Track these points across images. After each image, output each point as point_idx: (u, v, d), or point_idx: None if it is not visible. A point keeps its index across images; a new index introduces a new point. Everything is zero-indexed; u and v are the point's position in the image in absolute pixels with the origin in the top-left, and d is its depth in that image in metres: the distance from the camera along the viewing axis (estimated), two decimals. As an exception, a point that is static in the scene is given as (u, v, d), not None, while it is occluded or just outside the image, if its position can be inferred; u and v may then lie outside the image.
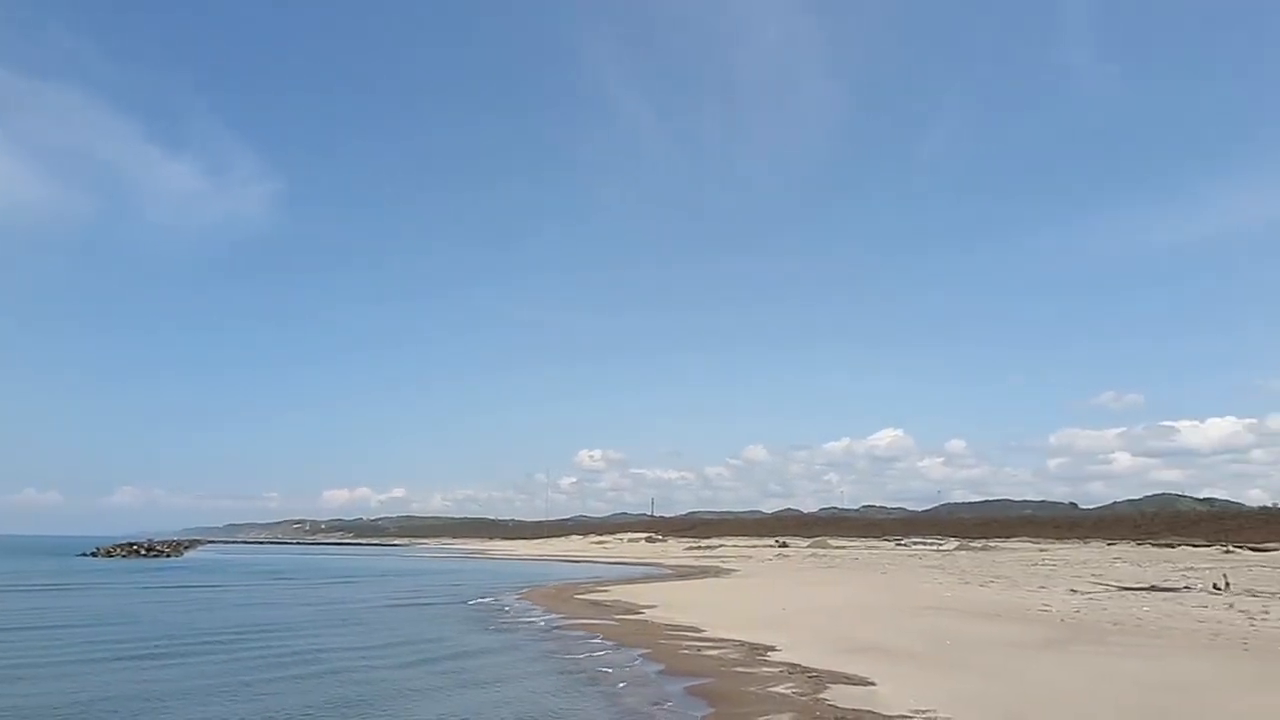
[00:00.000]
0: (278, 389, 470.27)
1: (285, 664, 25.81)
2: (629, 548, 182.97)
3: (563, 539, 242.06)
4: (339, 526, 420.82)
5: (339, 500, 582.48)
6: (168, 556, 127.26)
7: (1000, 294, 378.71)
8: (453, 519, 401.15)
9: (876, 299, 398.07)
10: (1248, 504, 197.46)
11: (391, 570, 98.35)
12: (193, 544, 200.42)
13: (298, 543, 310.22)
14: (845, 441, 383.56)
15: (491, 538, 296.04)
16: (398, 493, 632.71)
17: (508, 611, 44.19)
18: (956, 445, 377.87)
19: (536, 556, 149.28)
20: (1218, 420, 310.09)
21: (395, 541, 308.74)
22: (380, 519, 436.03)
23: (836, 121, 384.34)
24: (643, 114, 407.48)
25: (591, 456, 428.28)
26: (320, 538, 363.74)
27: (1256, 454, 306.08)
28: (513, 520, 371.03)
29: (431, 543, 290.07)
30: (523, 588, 62.95)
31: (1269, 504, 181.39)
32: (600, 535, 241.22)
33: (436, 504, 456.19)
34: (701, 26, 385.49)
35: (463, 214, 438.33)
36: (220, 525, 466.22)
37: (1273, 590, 47.51)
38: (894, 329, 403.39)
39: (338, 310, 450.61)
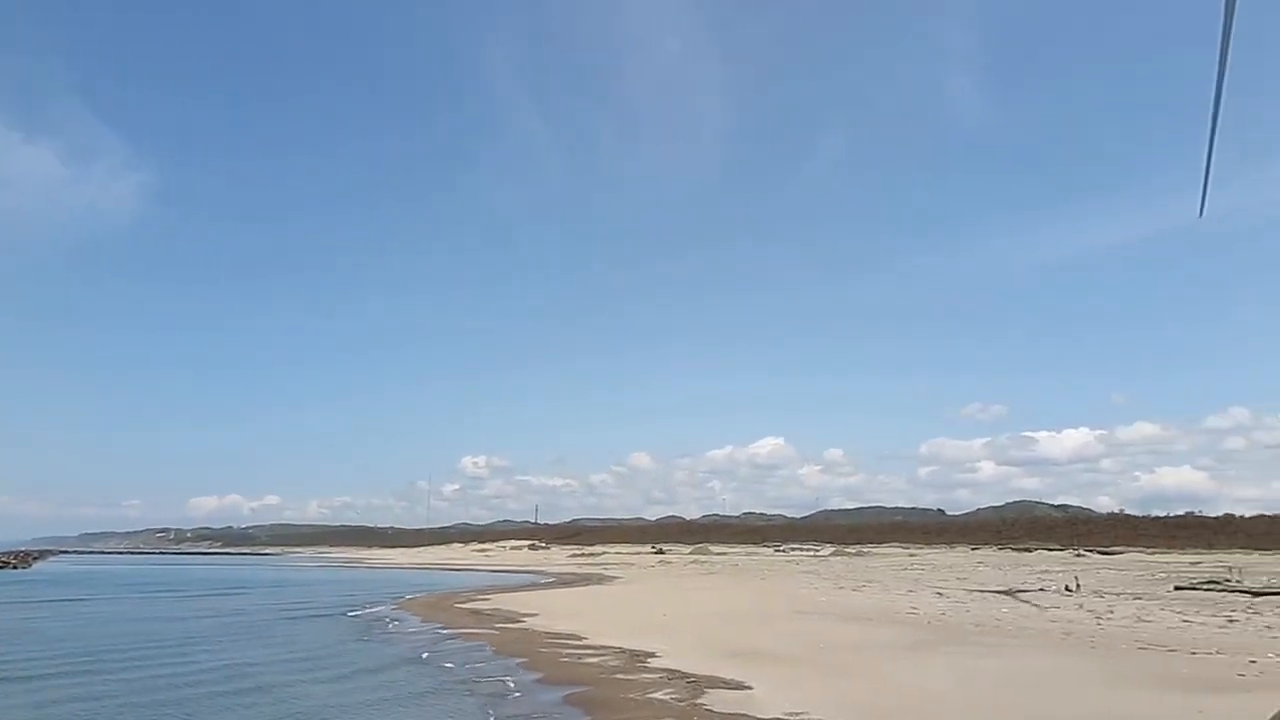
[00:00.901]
0: (139, 390, 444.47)
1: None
2: (512, 555, 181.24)
3: (444, 547, 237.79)
4: (206, 535, 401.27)
5: (207, 508, 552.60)
6: (14, 568, 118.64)
7: (878, 311, 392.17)
8: (329, 527, 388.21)
9: (762, 312, 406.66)
10: (1097, 510, 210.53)
11: (261, 581, 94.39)
12: (43, 554, 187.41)
13: (160, 553, 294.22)
14: (728, 449, 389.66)
15: (370, 546, 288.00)
16: (271, 500, 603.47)
17: (384, 621, 43.05)
18: (835, 454, 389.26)
19: (416, 565, 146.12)
20: (1072, 431, 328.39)
21: (268, 551, 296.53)
22: (251, 527, 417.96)
23: (728, 136, 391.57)
24: (533, 120, 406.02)
25: (475, 463, 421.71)
26: (186, 547, 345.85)
27: (1106, 463, 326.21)
28: (392, 528, 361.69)
29: (307, 552, 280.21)
30: (401, 597, 61.48)
31: (1116, 510, 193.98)
32: (482, 543, 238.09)
33: (313, 512, 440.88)
34: (597, 36, 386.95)
35: (342, 216, 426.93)
36: (75, 535, 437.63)
37: (1117, 591, 50.74)
38: (777, 341, 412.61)
39: (207, 310, 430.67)
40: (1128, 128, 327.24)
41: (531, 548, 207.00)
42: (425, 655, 29.62)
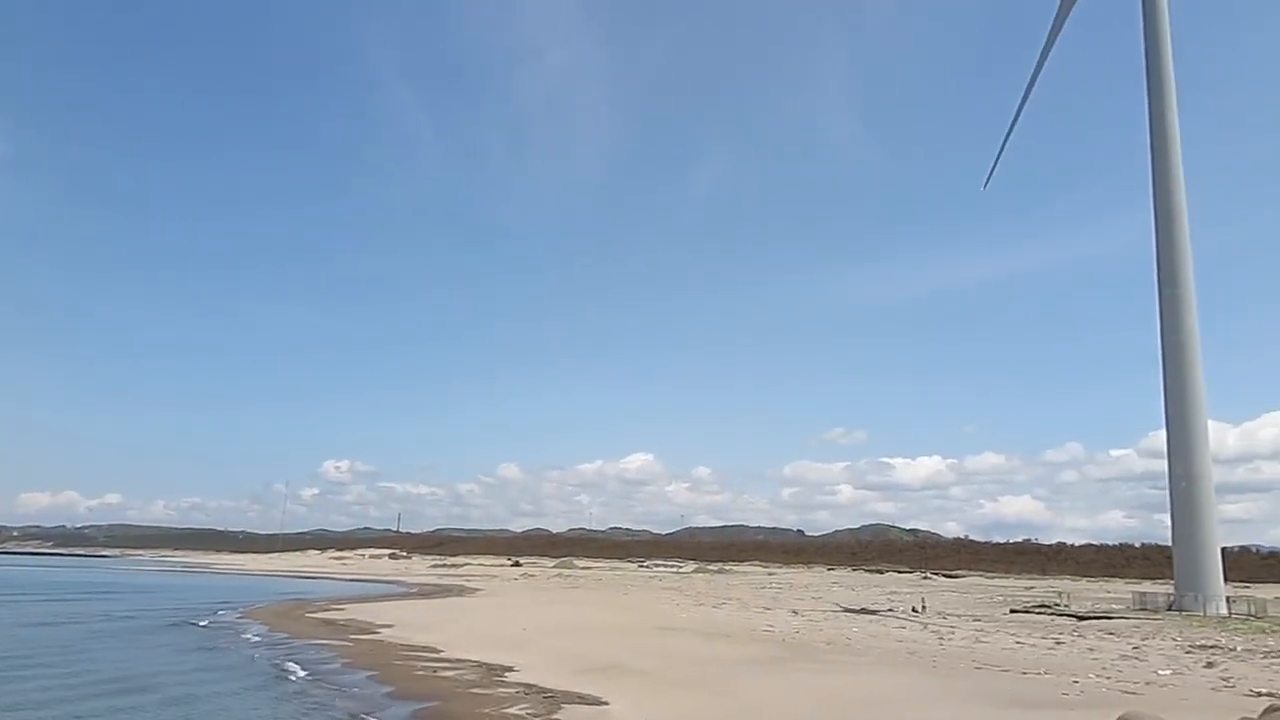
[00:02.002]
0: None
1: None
2: (370, 564, 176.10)
3: (299, 554, 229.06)
4: (36, 534, 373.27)
5: (38, 504, 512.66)
6: None
7: (749, 333, 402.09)
8: (175, 530, 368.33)
9: (638, 328, 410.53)
10: (945, 535, 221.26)
11: (90, 585, 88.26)
12: None
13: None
14: (598, 463, 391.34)
15: (219, 551, 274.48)
16: (112, 499, 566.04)
17: (228, 631, 41.02)
18: (702, 472, 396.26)
19: (268, 572, 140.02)
20: (926, 459, 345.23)
21: (105, 553, 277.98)
22: (88, 527, 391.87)
23: (614, 152, 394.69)
24: (420, 125, 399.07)
25: (338, 468, 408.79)
26: (12, 547, 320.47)
27: (955, 490, 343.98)
28: (244, 533, 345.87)
29: (148, 555, 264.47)
30: (249, 605, 58.78)
31: (962, 536, 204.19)
32: (340, 551, 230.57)
33: (158, 513, 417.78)
34: (486, 43, 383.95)
35: (210, 212, 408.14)
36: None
37: (959, 613, 53.36)
38: (651, 357, 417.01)
39: (52, 291, 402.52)
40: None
41: (392, 557, 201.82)
42: (268, 668, 28.39)
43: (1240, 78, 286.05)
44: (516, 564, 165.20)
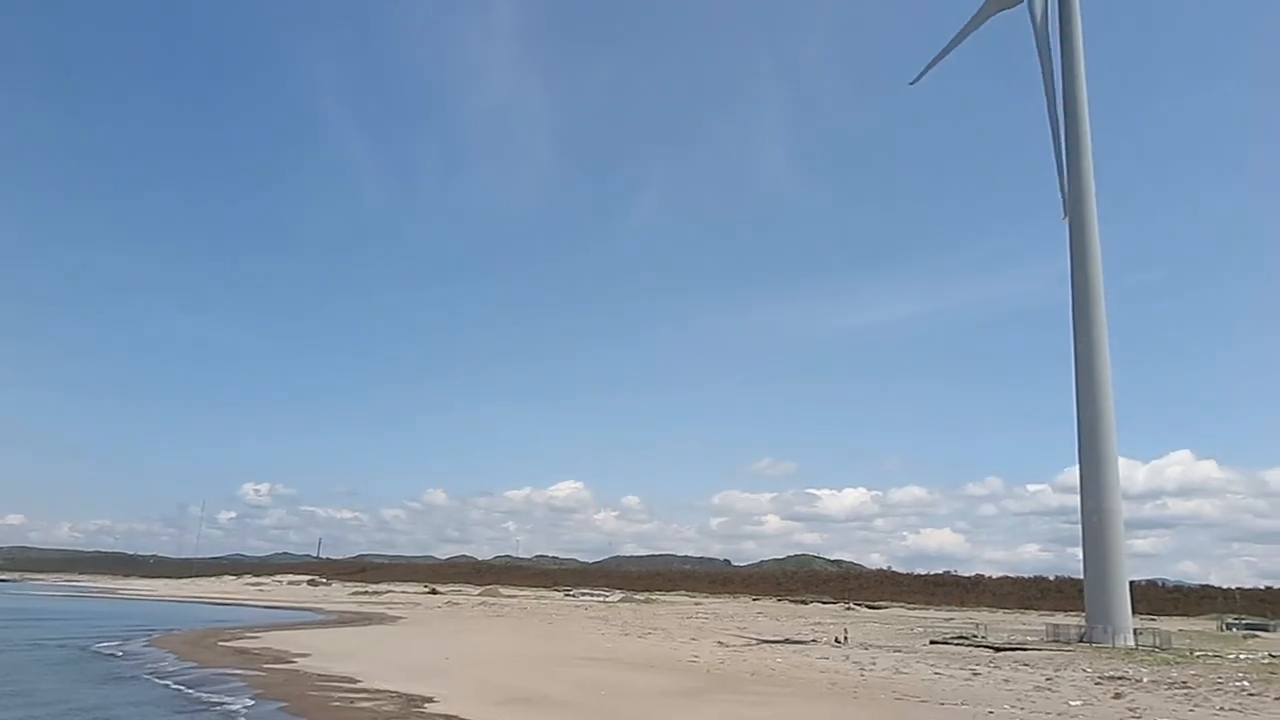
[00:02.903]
0: None
1: None
2: (288, 591, 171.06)
3: (214, 579, 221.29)
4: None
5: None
6: None
7: (682, 363, 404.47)
8: (82, 553, 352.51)
9: (568, 354, 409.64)
10: (868, 566, 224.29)
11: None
12: None
13: None
14: (527, 490, 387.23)
15: (128, 576, 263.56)
16: (13, 520, 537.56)
17: (133, 660, 39.38)
18: (631, 500, 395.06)
19: (180, 598, 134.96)
20: (851, 491, 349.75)
21: (3, 577, 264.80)
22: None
23: (550, 180, 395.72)
24: (355, 140, 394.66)
25: (257, 490, 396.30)
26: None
27: (879, 522, 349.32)
28: (155, 557, 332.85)
29: (51, 579, 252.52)
30: (157, 632, 56.56)
31: (884, 567, 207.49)
32: (257, 576, 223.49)
33: (63, 535, 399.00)
34: (428, 66, 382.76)
35: (133, 215, 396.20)
36: None
37: (880, 644, 54.12)
38: (581, 384, 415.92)
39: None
40: (922, 211, 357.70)
41: (311, 583, 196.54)
42: (174, 700, 27.35)
43: (1153, 130, 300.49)
44: (434, 591, 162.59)
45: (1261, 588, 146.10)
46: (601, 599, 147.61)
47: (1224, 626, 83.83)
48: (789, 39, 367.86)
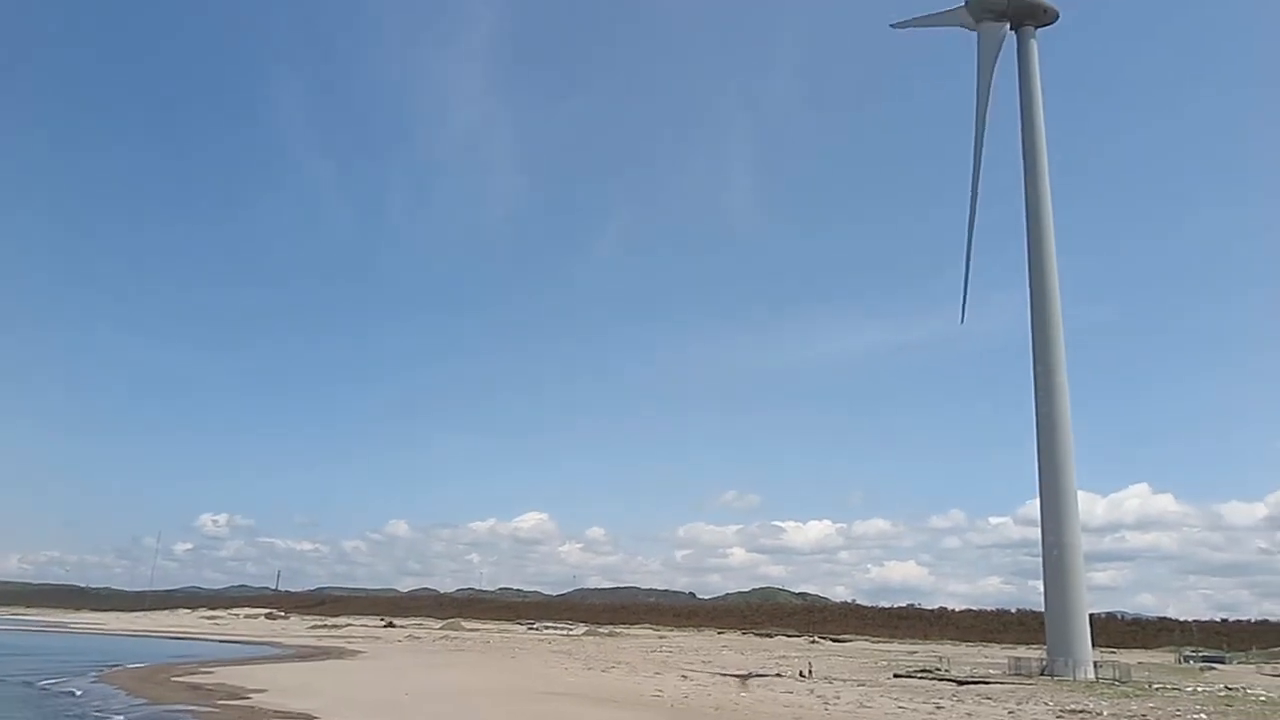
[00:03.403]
0: None
1: None
2: (245, 624, 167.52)
3: (168, 613, 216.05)
4: None
5: None
6: None
7: (648, 395, 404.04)
8: (30, 585, 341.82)
9: (534, 386, 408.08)
10: (833, 599, 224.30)
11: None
12: None
13: None
14: (491, 522, 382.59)
15: (79, 609, 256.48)
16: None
17: (81, 697, 38.25)
18: (596, 532, 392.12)
19: (133, 632, 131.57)
20: (816, 523, 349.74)
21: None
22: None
23: (516, 213, 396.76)
24: (321, 171, 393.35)
25: (215, 521, 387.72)
26: None
27: (843, 555, 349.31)
28: (108, 589, 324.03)
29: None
30: (108, 668, 55.04)
31: (849, 600, 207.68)
32: (213, 610, 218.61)
33: (11, 567, 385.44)
34: (397, 96, 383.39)
35: (107, 248, 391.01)
36: None
37: (845, 677, 54.05)
38: (547, 415, 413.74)
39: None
40: (888, 244, 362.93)
41: (269, 617, 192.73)
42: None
43: (1110, 165, 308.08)
44: (390, 625, 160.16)
45: (1217, 620, 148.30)
46: (565, 632, 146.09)
47: (1181, 659, 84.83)
48: (755, 72, 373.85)
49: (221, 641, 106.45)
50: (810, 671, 57.11)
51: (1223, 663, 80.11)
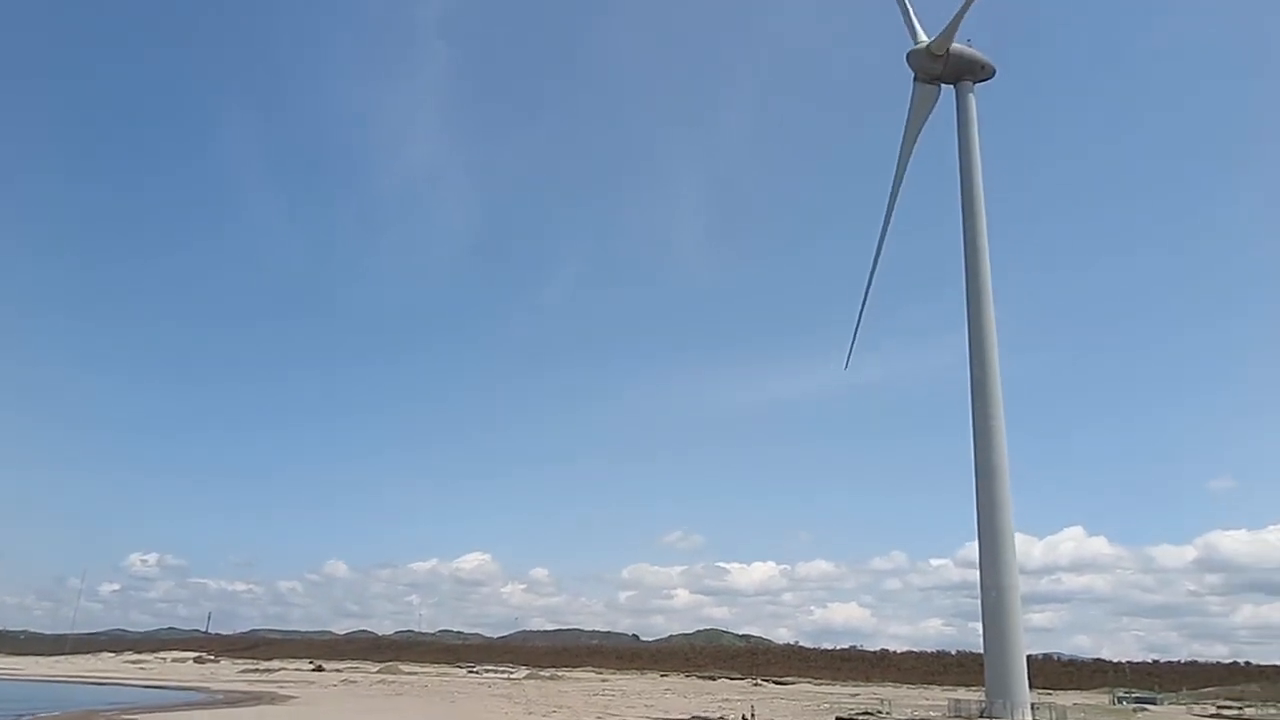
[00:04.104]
0: None
1: None
2: (172, 668, 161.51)
3: (90, 657, 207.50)
4: None
5: None
6: None
7: (596, 435, 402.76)
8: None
9: (482, 427, 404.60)
10: (776, 641, 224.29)
11: None
12: None
13: None
14: (432, 562, 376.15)
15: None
16: None
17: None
18: (540, 573, 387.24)
19: (51, 677, 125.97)
20: (760, 565, 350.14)
21: None
22: None
23: (469, 248, 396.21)
24: (274, 207, 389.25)
25: (144, 560, 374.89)
26: None
27: (787, 596, 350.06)
28: (25, 632, 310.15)
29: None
30: (24, 717, 52.66)
31: (792, 642, 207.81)
32: (139, 653, 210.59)
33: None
34: (348, 135, 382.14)
35: (46, 279, 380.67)
36: None
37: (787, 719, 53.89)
38: (493, 455, 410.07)
39: None
40: (833, 288, 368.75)
41: (198, 660, 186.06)
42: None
43: (1046, 212, 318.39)
44: (319, 668, 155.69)
45: (1149, 661, 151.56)
46: (506, 676, 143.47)
47: (1115, 700, 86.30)
48: (707, 119, 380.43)
49: (146, 687, 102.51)
50: (753, 716, 56.82)
51: (1155, 703, 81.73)
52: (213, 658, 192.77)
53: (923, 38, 71.87)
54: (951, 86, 73.37)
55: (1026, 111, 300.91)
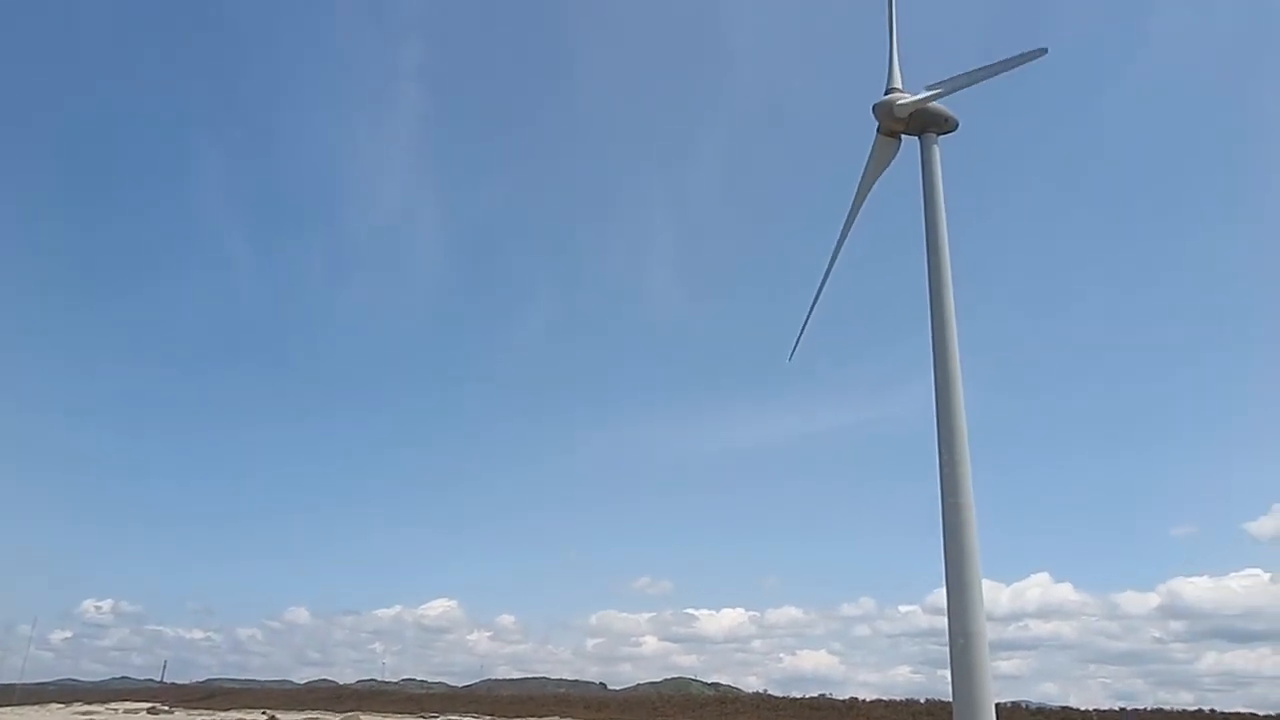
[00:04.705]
0: None
1: None
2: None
3: (37, 708, 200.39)
4: None
5: None
6: None
7: (564, 479, 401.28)
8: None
9: (449, 470, 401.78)
10: (745, 689, 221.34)
11: None
12: None
13: None
14: (397, 609, 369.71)
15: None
16: None
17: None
18: (506, 620, 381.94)
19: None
20: (730, 611, 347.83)
21: None
22: None
23: (441, 292, 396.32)
24: (239, 247, 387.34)
25: (98, 607, 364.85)
26: None
27: (756, 644, 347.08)
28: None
29: None
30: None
31: (762, 690, 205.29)
32: (89, 704, 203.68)
33: None
34: (318, 176, 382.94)
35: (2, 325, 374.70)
36: None
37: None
38: (456, 500, 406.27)
39: None
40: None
41: (151, 711, 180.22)
42: None
43: (1012, 256, 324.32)
44: (272, 718, 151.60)
45: (1116, 709, 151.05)
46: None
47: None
48: (678, 166, 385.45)
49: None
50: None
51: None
52: (167, 709, 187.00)
53: (897, 85, 72.93)
54: (916, 138, 74.83)
55: (992, 160, 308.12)
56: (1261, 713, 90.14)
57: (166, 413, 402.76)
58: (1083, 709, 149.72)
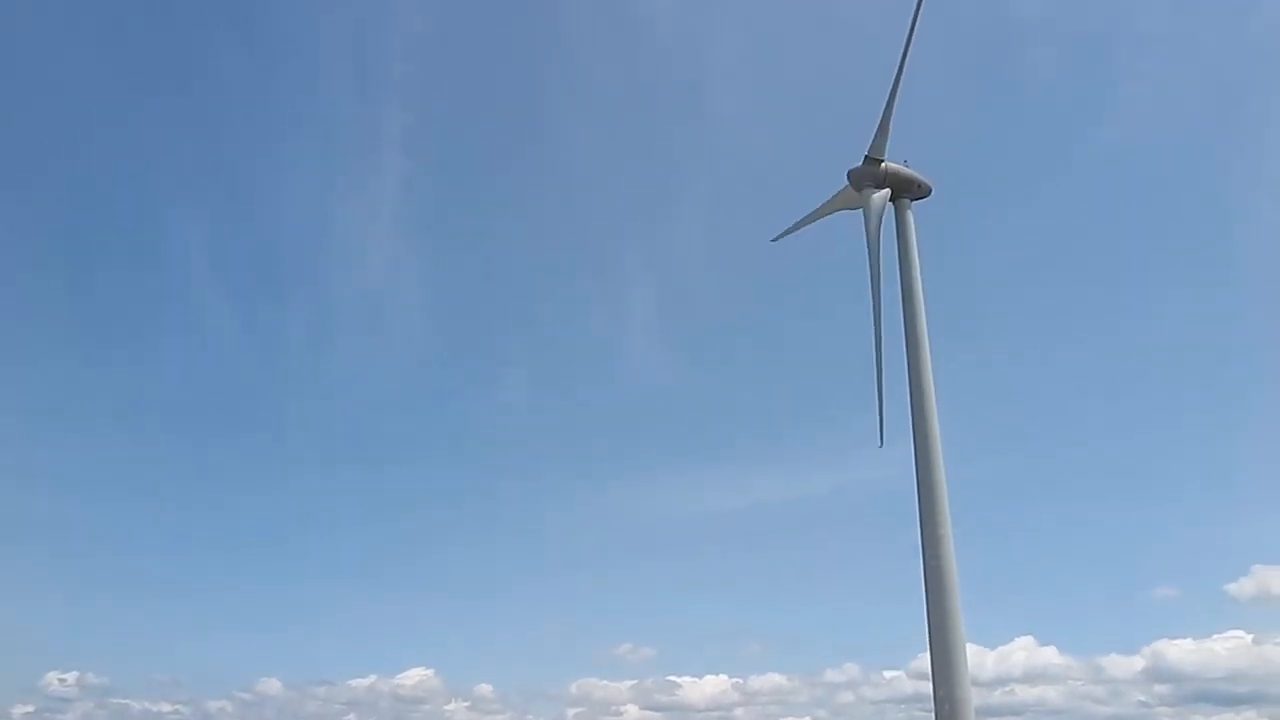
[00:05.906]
0: None
1: None
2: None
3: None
4: None
5: None
6: None
7: (544, 543, 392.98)
8: None
9: (427, 536, 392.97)
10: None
11: None
12: None
13: None
14: (371, 679, 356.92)
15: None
16: None
17: None
18: (485, 689, 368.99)
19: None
20: (713, 678, 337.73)
21: None
22: None
23: (423, 358, 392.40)
24: (221, 312, 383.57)
25: (63, 680, 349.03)
26: None
27: (739, 712, 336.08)
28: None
29: None
30: None
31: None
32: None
33: None
34: (302, 242, 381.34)
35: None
36: None
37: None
38: (434, 569, 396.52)
39: None
40: (786, 398, 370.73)
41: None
42: None
43: (987, 317, 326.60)
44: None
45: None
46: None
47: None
48: (659, 229, 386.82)
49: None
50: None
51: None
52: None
53: (881, 156, 72.20)
54: (891, 204, 75.17)
55: (967, 223, 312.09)
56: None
57: (138, 481, 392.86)
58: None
